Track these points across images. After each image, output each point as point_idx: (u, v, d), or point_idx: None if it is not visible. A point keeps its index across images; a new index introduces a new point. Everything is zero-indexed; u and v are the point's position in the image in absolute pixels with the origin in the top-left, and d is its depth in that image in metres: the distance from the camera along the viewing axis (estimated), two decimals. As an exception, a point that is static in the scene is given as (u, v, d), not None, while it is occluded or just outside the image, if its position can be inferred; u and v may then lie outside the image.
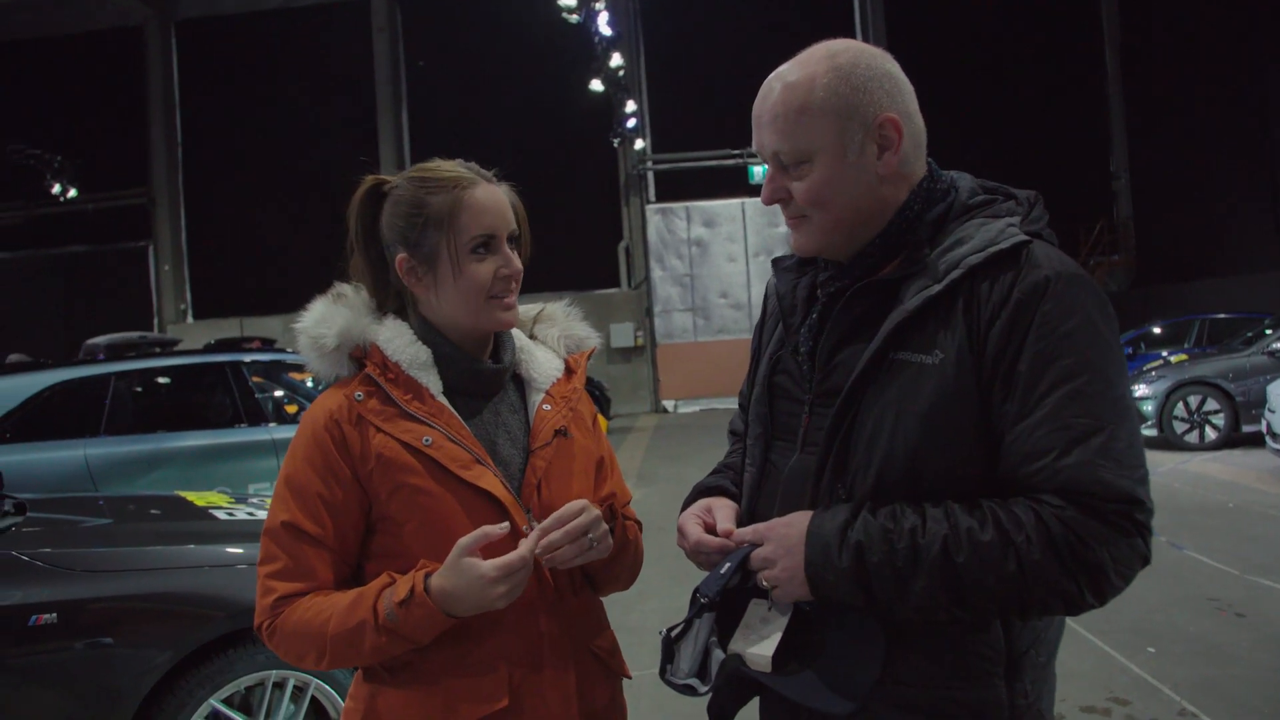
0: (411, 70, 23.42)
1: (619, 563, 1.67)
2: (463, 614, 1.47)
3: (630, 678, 1.73)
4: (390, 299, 1.66)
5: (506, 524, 1.49)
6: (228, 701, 3.26)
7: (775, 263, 1.60)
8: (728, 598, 1.38)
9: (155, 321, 23.07)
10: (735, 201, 22.35)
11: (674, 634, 1.42)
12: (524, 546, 1.47)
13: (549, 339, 1.78)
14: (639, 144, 22.28)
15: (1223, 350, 12.51)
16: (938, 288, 1.31)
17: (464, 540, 1.46)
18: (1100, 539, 1.20)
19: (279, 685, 3.34)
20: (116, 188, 23.13)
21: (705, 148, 22.21)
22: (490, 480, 1.55)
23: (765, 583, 1.35)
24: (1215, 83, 19.48)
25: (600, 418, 1.83)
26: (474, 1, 22.41)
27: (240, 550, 3.53)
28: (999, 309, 1.28)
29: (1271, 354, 11.41)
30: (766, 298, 1.62)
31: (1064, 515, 1.21)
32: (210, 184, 23.30)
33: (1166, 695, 4.33)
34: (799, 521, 1.33)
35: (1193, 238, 20.49)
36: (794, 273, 1.54)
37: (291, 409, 8.97)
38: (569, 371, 1.74)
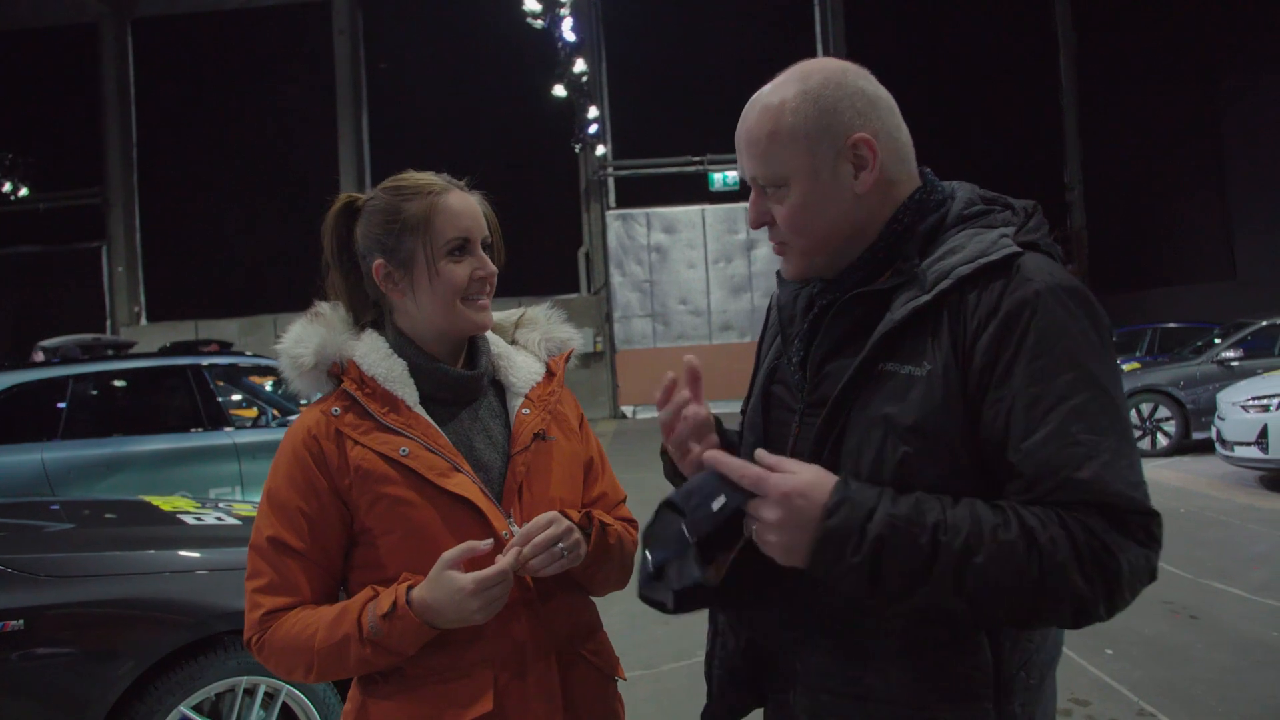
0: (373, 72, 23.23)
1: (603, 566, 1.68)
2: (443, 626, 1.49)
3: (625, 679, 1.75)
4: (367, 312, 1.70)
5: (491, 540, 1.51)
6: (197, 708, 3.22)
7: (779, 274, 1.59)
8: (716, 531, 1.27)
9: (108, 324, 22.61)
10: (695, 208, 22.42)
11: (649, 531, 1.35)
12: (503, 562, 1.49)
13: (530, 343, 1.80)
14: (600, 150, 22.28)
15: (1174, 359, 12.78)
16: (925, 298, 1.30)
17: (449, 553, 1.48)
18: (1121, 548, 1.18)
19: (249, 692, 3.31)
20: (70, 187, 22.64)
21: (666, 154, 22.27)
22: (468, 487, 1.56)
23: (756, 541, 1.27)
24: (1168, 96, 19.89)
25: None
26: (437, 5, 22.30)
27: (211, 555, 3.50)
28: (986, 321, 1.26)
29: (1221, 363, 11.68)
30: (769, 309, 1.63)
31: (1089, 522, 1.19)
32: (166, 185, 22.90)
33: (1125, 696, 4.43)
34: (815, 494, 1.22)
35: (1145, 248, 20.89)
36: (795, 285, 1.54)
37: (251, 413, 8.88)
38: (550, 374, 1.76)
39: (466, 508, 1.56)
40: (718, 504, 1.24)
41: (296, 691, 3.36)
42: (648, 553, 1.31)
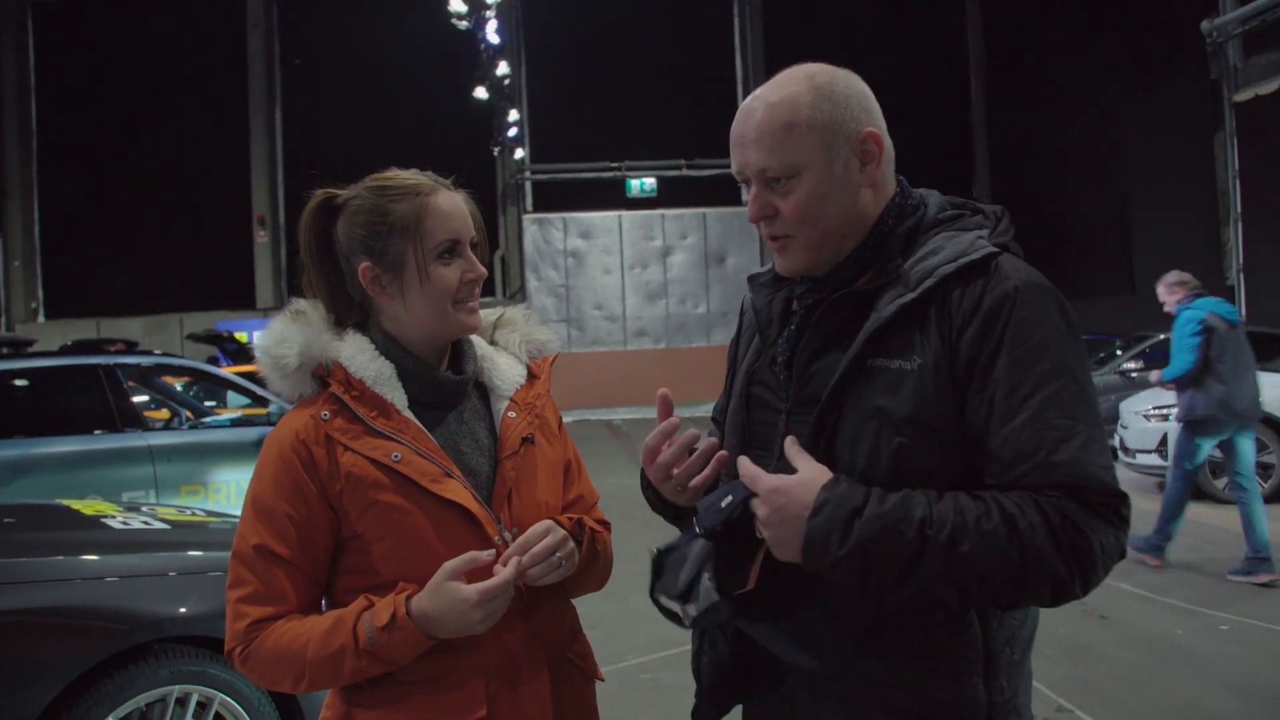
0: (287, 68, 22.73)
1: (590, 571, 1.69)
2: (442, 636, 1.48)
3: (602, 679, 1.76)
4: (349, 312, 1.65)
5: (493, 550, 1.50)
6: (126, 719, 3.13)
7: (751, 279, 1.63)
8: (727, 529, 1.35)
9: (3, 320, 21.67)
10: (613, 214, 22.45)
11: (663, 550, 1.44)
12: (505, 573, 1.48)
13: (510, 344, 1.79)
14: (519, 153, 22.19)
15: (1077, 369, 13.22)
16: (912, 296, 1.36)
17: (451, 564, 1.46)
18: (1093, 528, 1.26)
19: (181, 701, 3.21)
20: (-38, 177, 21.73)
21: (584, 159, 22.25)
22: (460, 493, 1.54)
23: (760, 531, 1.34)
24: (1072, 117, 20.64)
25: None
26: (355, 2, 21.95)
27: (141, 561, 3.40)
28: (970, 316, 1.34)
29: (1122, 373, 12.15)
30: (742, 313, 1.66)
31: (1062, 505, 1.26)
32: (67, 176, 22.00)
33: (1044, 693, 4.58)
34: (799, 492, 1.30)
35: (1049, 262, 21.11)
36: (769, 288, 1.58)
37: (163, 414, 8.62)
38: (532, 377, 1.75)
39: (459, 513, 1.54)
40: (725, 501, 1.34)
41: (229, 700, 3.28)
42: (666, 566, 1.42)
